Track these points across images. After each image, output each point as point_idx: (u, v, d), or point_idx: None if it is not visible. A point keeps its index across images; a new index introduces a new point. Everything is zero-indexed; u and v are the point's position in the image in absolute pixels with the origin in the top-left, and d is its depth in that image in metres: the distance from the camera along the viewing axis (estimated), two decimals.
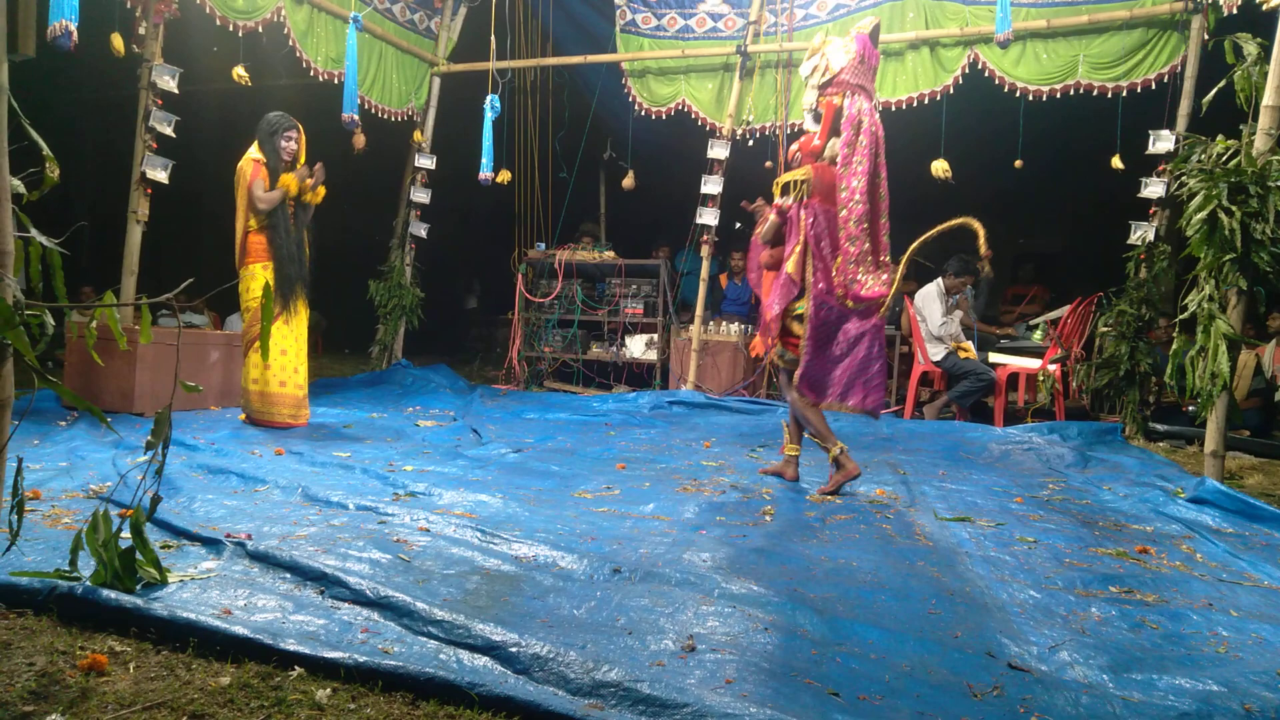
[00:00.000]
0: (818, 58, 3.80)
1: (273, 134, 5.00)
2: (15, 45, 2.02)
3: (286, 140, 5.01)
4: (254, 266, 4.99)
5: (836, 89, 3.72)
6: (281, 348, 5.04)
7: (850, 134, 3.64)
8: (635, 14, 7.74)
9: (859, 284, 3.67)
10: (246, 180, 4.95)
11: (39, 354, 1.83)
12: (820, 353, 3.78)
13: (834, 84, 3.73)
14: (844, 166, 3.64)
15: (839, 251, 3.69)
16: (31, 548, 2.43)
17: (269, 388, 5.03)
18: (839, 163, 3.66)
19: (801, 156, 3.88)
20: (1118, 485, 4.27)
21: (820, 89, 3.79)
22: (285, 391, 5.07)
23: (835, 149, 3.70)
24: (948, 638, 2.14)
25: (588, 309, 8.09)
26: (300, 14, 6.63)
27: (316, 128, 7.61)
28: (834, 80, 3.73)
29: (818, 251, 3.73)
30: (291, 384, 5.10)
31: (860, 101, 3.67)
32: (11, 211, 1.78)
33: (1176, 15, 6.04)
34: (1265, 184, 3.83)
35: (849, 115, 3.65)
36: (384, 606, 2.11)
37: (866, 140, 3.63)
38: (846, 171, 3.64)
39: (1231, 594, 2.60)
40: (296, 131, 5.07)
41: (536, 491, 3.67)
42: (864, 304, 3.73)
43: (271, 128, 5.00)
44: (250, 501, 3.25)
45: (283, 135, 5.01)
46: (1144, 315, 6.00)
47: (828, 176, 3.72)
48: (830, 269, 3.71)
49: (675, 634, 2.08)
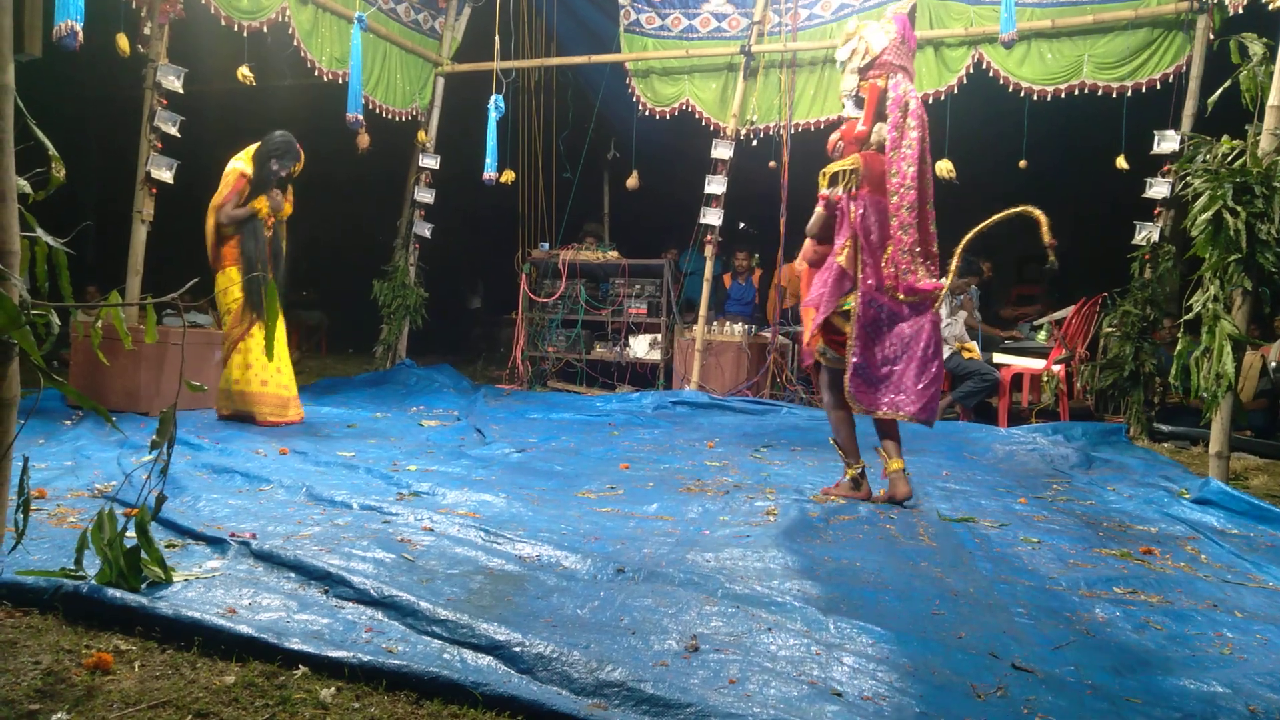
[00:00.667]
0: (855, 41, 3.62)
1: (278, 157, 5.11)
2: (21, 45, 2.02)
3: (284, 170, 5.14)
4: (230, 270, 5.08)
5: (879, 70, 3.53)
6: (262, 349, 5.11)
7: (898, 116, 3.47)
8: (639, 14, 7.74)
9: (913, 274, 3.46)
10: (222, 190, 5.06)
11: (44, 353, 1.83)
12: (869, 353, 3.53)
13: (876, 65, 3.54)
14: (893, 150, 3.46)
15: (890, 241, 3.48)
16: (37, 547, 2.44)
17: (250, 388, 5.10)
18: (888, 147, 3.48)
19: (845, 144, 3.67)
20: (1122, 486, 4.26)
21: (861, 72, 3.59)
22: (267, 391, 5.13)
23: (882, 134, 3.52)
24: (951, 638, 2.13)
25: (591, 309, 8.09)
26: (305, 14, 6.64)
27: (321, 127, 7.64)
28: (876, 62, 3.53)
29: (867, 245, 3.50)
30: (274, 384, 5.16)
31: (905, 83, 3.51)
32: (17, 211, 1.79)
33: (1182, 15, 6.02)
34: (1270, 184, 3.82)
35: (895, 97, 3.48)
36: (388, 606, 2.12)
37: (915, 122, 3.46)
38: (896, 156, 3.46)
39: (1236, 595, 2.59)
40: (298, 164, 5.20)
41: (540, 491, 3.67)
42: (918, 296, 3.50)
43: (279, 151, 5.11)
44: (255, 501, 3.26)
45: (285, 164, 5.13)
46: (1149, 316, 5.99)
47: (876, 164, 3.52)
48: (880, 263, 3.50)
49: (679, 634, 2.09)
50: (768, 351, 7.41)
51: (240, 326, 5.08)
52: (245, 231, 5.08)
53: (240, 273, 5.06)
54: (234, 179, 5.06)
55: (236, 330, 5.09)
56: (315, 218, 10.66)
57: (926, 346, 3.51)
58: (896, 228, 3.47)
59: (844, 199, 3.54)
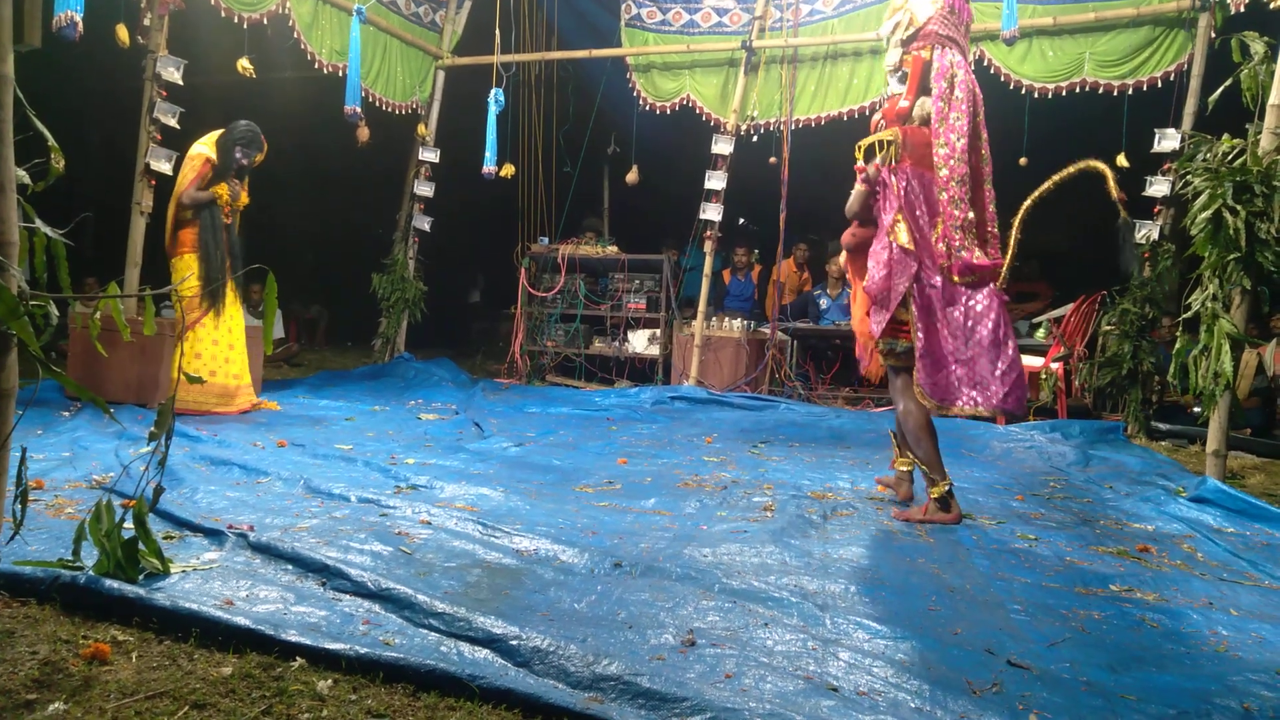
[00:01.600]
0: (900, 14, 3.41)
1: (243, 145, 5.16)
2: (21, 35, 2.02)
3: (248, 158, 5.18)
4: (187, 258, 5.09)
5: (923, 41, 3.31)
6: (213, 338, 5.13)
7: (944, 87, 3.22)
8: (640, 8, 7.72)
9: (969, 251, 3.16)
10: (186, 174, 5.09)
11: (43, 344, 1.83)
12: (933, 341, 3.23)
13: (921, 36, 3.32)
14: (940, 122, 3.21)
15: (940, 217, 3.21)
16: (35, 537, 2.44)
17: (216, 379, 5.10)
18: (934, 119, 3.23)
19: (886, 121, 3.43)
20: (1119, 484, 4.27)
21: (904, 44, 3.38)
22: (215, 381, 5.12)
23: (926, 108, 3.30)
24: (947, 634, 2.14)
25: (590, 304, 8.09)
26: (305, 6, 6.62)
27: (320, 120, 7.63)
28: (920, 32, 3.32)
29: (914, 222, 3.24)
30: (222, 373, 5.17)
31: (952, 54, 3.26)
32: (16, 202, 1.79)
33: (1184, 13, 6.01)
34: (1270, 183, 3.82)
35: (940, 68, 3.24)
36: (385, 599, 2.12)
37: (963, 95, 3.21)
38: (944, 127, 3.20)
39: (1232, 593, 2.60)
40: (260, 153, 5.23)
41: (538, 485, 3.68)
42: (975, 274, 3.18)
43: (244, 139, 5.16)
44: (252, 493, 3.26)
45: (250, 152, 5.18)
46: (1147, 314, 5.99)
47: (919, 137, 3.28)
48: (930, 239, 3.23)
49: (675, 628, 2.09)
50: (766, 347, 7.41)
51: (193, 314, 5.06)
52: (203, 218, 5.10)
53: (198, 260, 5.08)
54: (199, 163, 5.10)
55: (189, 318, 5.05)
56: (314, 211, 10.71)
57: (996, 328, 3.22)
58: (947, 203, 3.18)
59: (885, 171, 3.30)
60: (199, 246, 5.08)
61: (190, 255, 5.09)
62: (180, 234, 5.10)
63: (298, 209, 10.41)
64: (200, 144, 5.19)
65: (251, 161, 5.24)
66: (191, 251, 5.09)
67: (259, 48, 6.29)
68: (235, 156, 5.15)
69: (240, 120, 5.23)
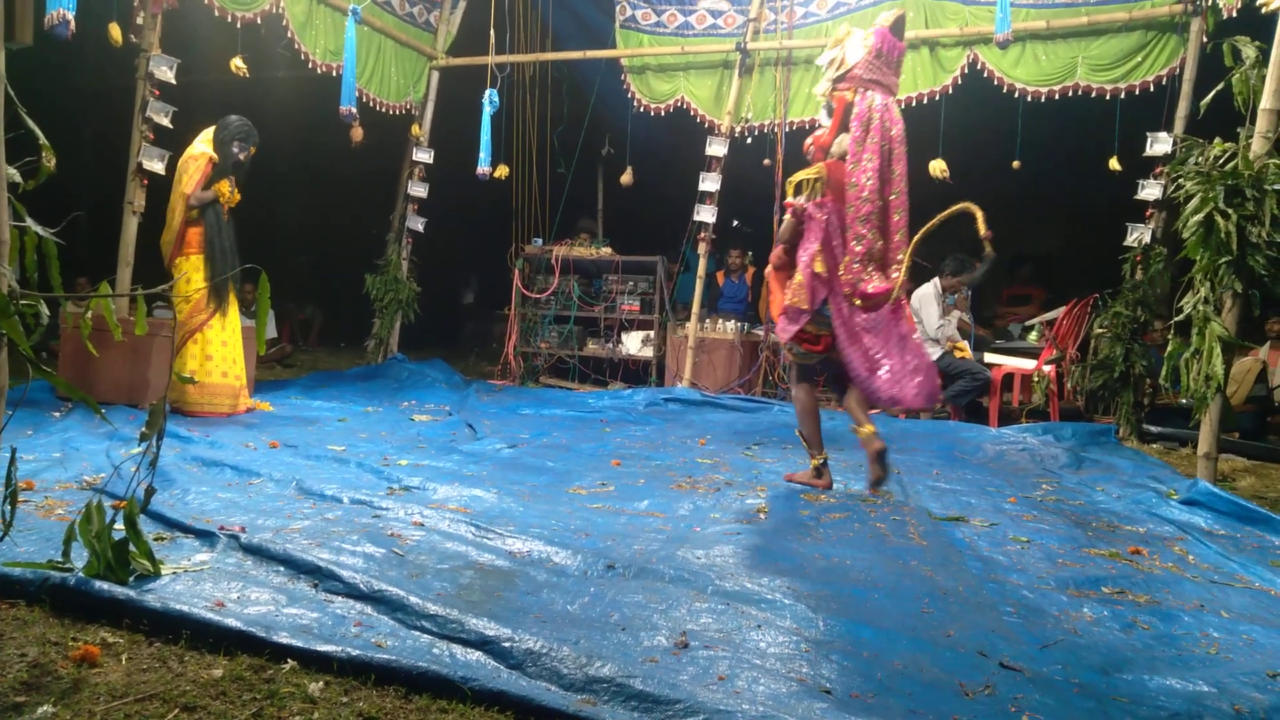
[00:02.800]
0: (837, 50, 3.74)
1: (240, 140, 5.16)
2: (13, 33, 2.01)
3: (244, 152, 5.18)
4: (193, 258, 5.09)
5: (849, 84, 3.66)
6: (221, 339, 5.12)
7: (859, 131, 3.58)
8: (635, 10, 7.72)
9: (865, 281, 3.58)
10: (191, 174, 5.08)
11: (34, 344, 1.82)
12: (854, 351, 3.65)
13: (847, 79, 3.67)
14: (853, 163, 3.57)
15: (846, 250, 3.62)
16: (24, 539, 2.42)
17: (210, 379, 5.09)
18: (847, 159, 3.60)
19: (814, 151, 3.81)
20: (1111, 486, 4.28)
21: (834, 82, 3.74)
22: (226, 382, 5.14)
23: (843, 145, 3.65)
24: (940, 636, 2.14)
25: (584, 305, 8.08)
26: (299, 6, 6.60)
27: (314, 120, 7.61)
28: (847, 75, 3.66)
29: (829, 253, 3.65)
30: (231, 374, 5.18)
31: (873, 97, 3.61)
32: (8, 201, 1.78)
33: (1176, 18, 6.04)
34: (1262, 187, 3.84)
35: (859, 111, 3.60)
36: (377, 600, 2.11)
37: (877, 137, 3.57)
38: (856, 169, 3.56)
39: (1223, 595, 2.61)
40: (250, 146, 5.23)
41: (531, 487, 3.67)
42: (870, 301, 3.62)
43: (241, 134, 5.16)
44: (244, 494, 3.25)
45: (246, 147, 5.18)
46: (1139, 317, 6.01)
47: (838, 173, 3.65)
48: (838, 269, 3.65)
49: (668, 630, 2.09)
50: (760, 349, 7.42)
51: (200, 315, 5.06)
52: (208, 218, 5.10)
53: (204, 260, 5.07)
54: (204, 163, 5.10)
55: (195, 319, 5.06)
56: (308, 211, 10.68)
57: (887, 340, 3.61)
58: (851, 238, 3.59)
59: (810, 207, 3.65)
60: (206, 246, 5.09)
61: (197, 255, 5.09)
62: (187, 234, 5.10)
63: (291, 209, 10.39)
64: (200, 143, 5.19)
65: (247, 156, 5.23)
66: (198, 252, 5.09)
67: (252, 47, 6.27)
68: (233, 152, 5.15)
69: (231, 115, 5.22)
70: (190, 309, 5.03)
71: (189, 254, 5.10)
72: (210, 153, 5.12)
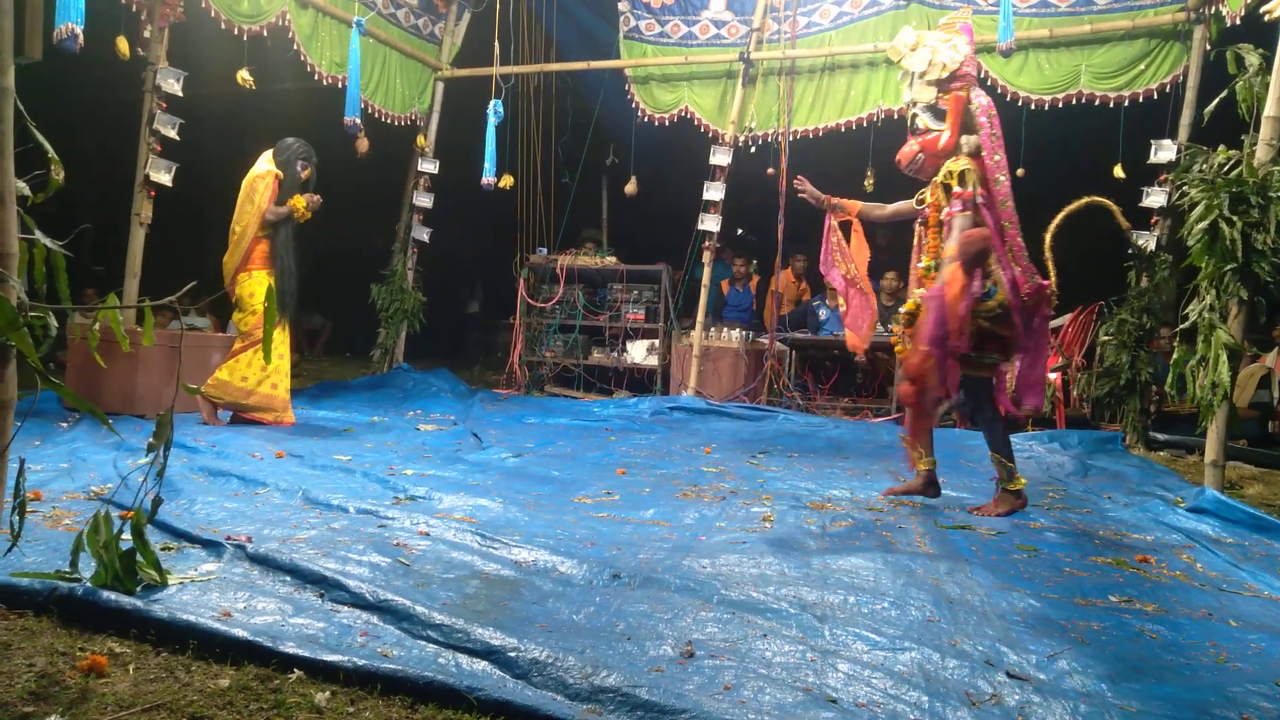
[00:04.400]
0: (926, 51, 3.64)
1: (304, 159, 5.30)
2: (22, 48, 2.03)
3: (304, 170, 5.31)
4: (259, 273, 5.17)
5: (961, 83, 3.60)
6: (279, 352, 5.19)
7: (987, 125, 3.54)
8: (639, 20, 7.76)
9: (1033, 273, 3.48)
10: (263, 193, 5.17)
11: (42, 355, 1.83)
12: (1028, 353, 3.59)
13: (958, 78, 3.60)
14: (992, 158, 3.52)
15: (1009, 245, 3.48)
16: (32, 549, 2.43)
17: (261, 388, 5.16)
18: (985, 155, 3.53)
19: (926, 157, 3.66)
20: (1118, 494, 4.27)
21: (940, 84, 3.62)
22: (276, 394, 5.23)
23: (972, 144, 3.56)
24: (947, 645, 2.14)
25: (589, 314, 8.09)
26: (305, 18, 6.65)
27: (320, 131, 7.60)
28: (957, 74, 3.60)
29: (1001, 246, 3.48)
30: (282, 387, 5.27)
31: (982, 95, 3.62)
32: (16, 214, 1.79)
33: (1179, 25, 6.05)
34: (1266, 194, 3.83)
35: (981, 105, 3.57)
36: (383, 610, 2.12)
37: (999, 134, 3.56)
38: (995, 165, 3.52)
39: (1231, 604, 2.60)
40: (312, 164, 5.36)
41: (536, 496, 3.67)
42: (1038, 297, 3.48)
43: (299, 154, 5.30)
44: (251, 504, 3.25)
45: (305, 164, 5.31)
46: (1145, 324, 6.00)
47: (981, 169, 3.55)
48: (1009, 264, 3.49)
49: (674, 640, 2.09)
50: (765, 358, 7.41)
51: (260, 330, 5.11)
52: (278, 234, 5.20)
53: (271, 275, 5.16)
54: (271, 180, 5.21)
55: (259, 331, 5.12)
56: (314, 222, 10.71)
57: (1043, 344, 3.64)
58: (1015, 233, 3.49)
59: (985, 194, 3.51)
60: (272, 261, 5.18)
61: (261, 270, 5.17)
62: (254, 250, 5.17)
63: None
64: (264, 162, 5.27)
65: (309, 174, 5.34)
66: (263, 267, 5.17)
67: (258, 59, 6.31)
68: (297, 170, 5.26)
69: (288, 138, 5.32)
70: (255, 320, 5.11)
71: (253, 270, 5.17)
72: (276, 171, 5.21)
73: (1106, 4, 6.30)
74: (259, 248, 5.18)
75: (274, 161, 5.25)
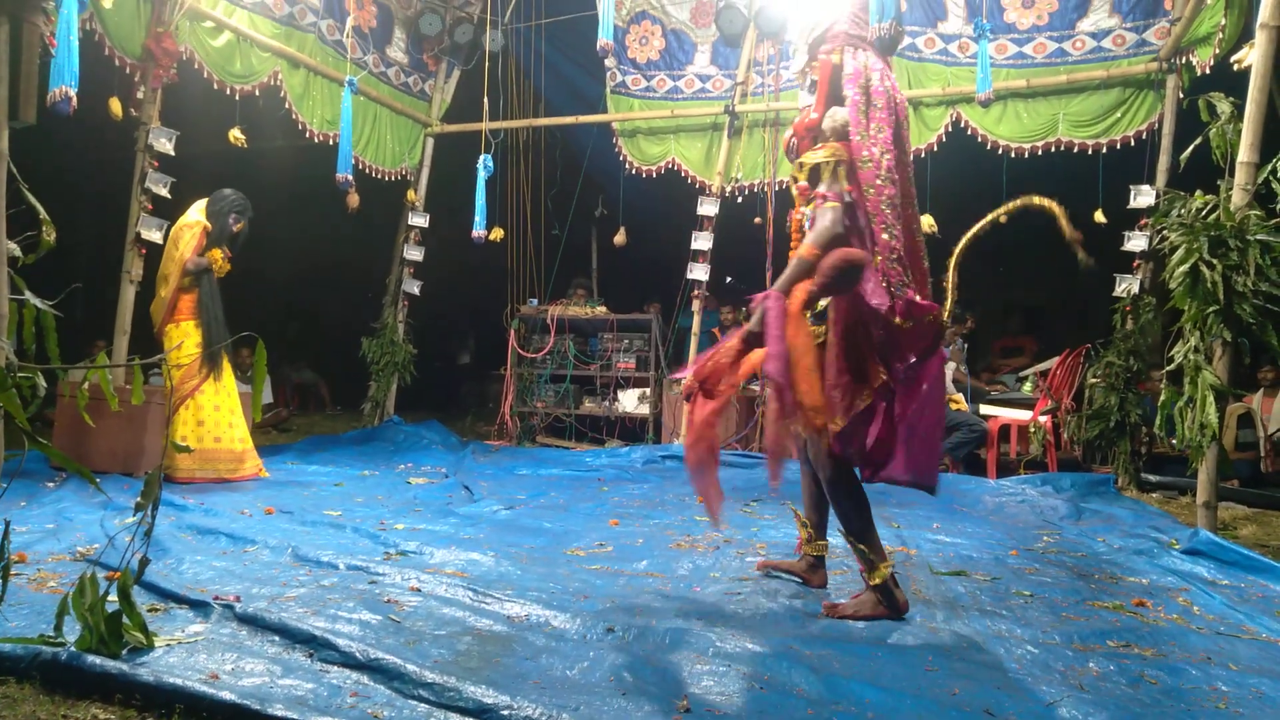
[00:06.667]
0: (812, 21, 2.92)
1: (238, 212, 5.30)
2: (16, 113, 2.06)
3: (236, 224, 5.31)
4: (185, 325, 5.16)
5: (832, 44, 2.83)
6: (214, 404, 5.14)
7: (858, 95, 2.70)
8: (625, 75, 7.91)
9: (909, 289, 2.61)
10: (188, 241, 5.17)
11: (30, 414, 1.83)
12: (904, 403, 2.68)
13: (828, 38, 2.84)
14: (859, 134, 2.67)
15: (877, 245, 2.64)
16: (15, 613, 2.39)
17: (203, 444, 5.08)
18: (851, 131, 2.69)
19: (797, 137, 2.92)
20: (1112, 537, 4.25)
21: (810, 48, 2.90)
22: (221, 446, 5.14)
23: (839, 118, 2.74)
24: (945, 695, 2.11)
25: (580, 364, 8.10)
26: (296, 77, 6.75)
27: (311, 187, 7.72)
28: (827, 34, 2.85)
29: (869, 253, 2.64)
30: (227, 438, 5.17)
31: (866, 56, 2.76)
32: (7, 275, 1.80)
33: (1152, 75, 6.21)
34: (1244, 237, 3.89)
35: (852, 72, 2.74)
36: (374, 669, 2.08)
37: (882, 101, 2.70)
38: (865, 140, 2.66)
39: (1230, 647, 2.58)
40: (246, 218, 5.37)
41: (529, 549, 3.64)
42: (914, 319, 2.58)
43: (233, 207, 5.30)
44: (239, 562, 3.21)
45: (238, 218, 5.31)
46: (1132, 366, 6.05)
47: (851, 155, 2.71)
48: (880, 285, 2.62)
49: (670, 695, 2.06)
50: (757, 405, 7.42)
51: (193, 381, 5.07)
52: (202, 285, 5.18)
53: (196, 327, 5.14)
54: (199, 231, 5.21)
55: (189, 385, 5.07)
56: (303, 276, 10.76)
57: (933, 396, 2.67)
58: (880, 228, 2.63)
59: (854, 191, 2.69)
60: (199, 312, 5.16)
61: (188, 322, 5.15)
62: (180, 301, 5.17)
63: (287, 273, 10.45)
64: (195, 212, 5.29)
65: (242, 228, 5.35)
66: (190, 318, 5.16)
67: (250, 118, 6.39)
68: (228, 224, 5.27)
69: (225, 189, 5.34)
70: (182, 375, 5.05)
71: (179, 320, 5.17)
72: (204, 221, 5.23)
73: (1081, 55, 6.47)
74: (184, 299, 5.17)
75: (205, 212, 5.26)
